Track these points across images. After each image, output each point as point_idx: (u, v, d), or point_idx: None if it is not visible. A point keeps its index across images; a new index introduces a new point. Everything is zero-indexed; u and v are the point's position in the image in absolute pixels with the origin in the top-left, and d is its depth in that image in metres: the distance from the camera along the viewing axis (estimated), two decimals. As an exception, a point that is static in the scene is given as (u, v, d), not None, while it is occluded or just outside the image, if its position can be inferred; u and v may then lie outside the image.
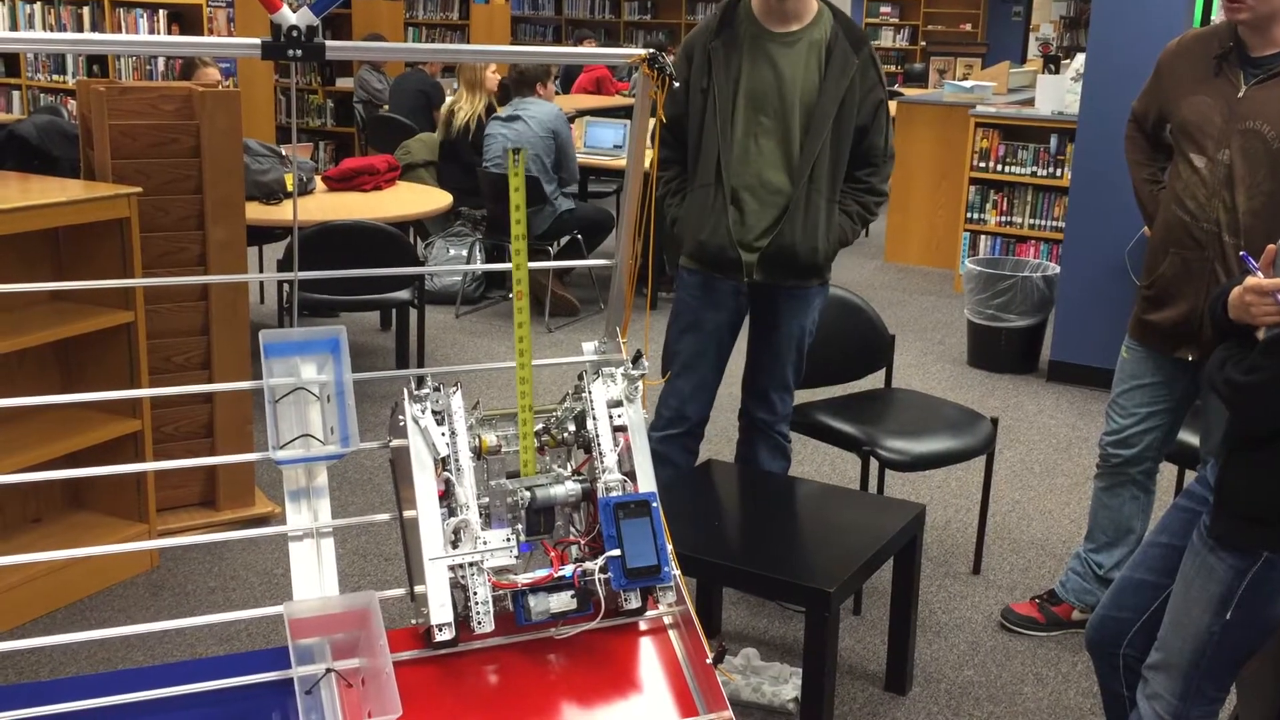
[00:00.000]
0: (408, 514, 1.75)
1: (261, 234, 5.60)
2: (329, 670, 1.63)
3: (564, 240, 6.27)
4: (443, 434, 1.75)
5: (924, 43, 14.16)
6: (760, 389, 3.38)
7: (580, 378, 1.92)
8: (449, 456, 1.75)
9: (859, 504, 3.20)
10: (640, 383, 1.91)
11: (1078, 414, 5.17)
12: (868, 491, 3.49)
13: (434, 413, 1.76)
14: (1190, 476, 3.37)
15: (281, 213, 5.02)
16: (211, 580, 3.55)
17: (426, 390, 1.77)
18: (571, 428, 1.89)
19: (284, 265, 5.00)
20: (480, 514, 1.74)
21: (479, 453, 1.79)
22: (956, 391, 5.36)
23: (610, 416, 1.86)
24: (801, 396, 3.77)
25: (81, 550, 1.78)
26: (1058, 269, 5.65)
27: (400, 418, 1.78)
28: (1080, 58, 6.24)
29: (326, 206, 5.20)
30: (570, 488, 1.81)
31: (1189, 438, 3.32)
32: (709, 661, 1.77)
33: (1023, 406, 5.26)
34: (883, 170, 3.26)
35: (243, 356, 3.82)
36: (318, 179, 5.68)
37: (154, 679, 1.62)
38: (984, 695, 3.09)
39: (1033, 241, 6.70)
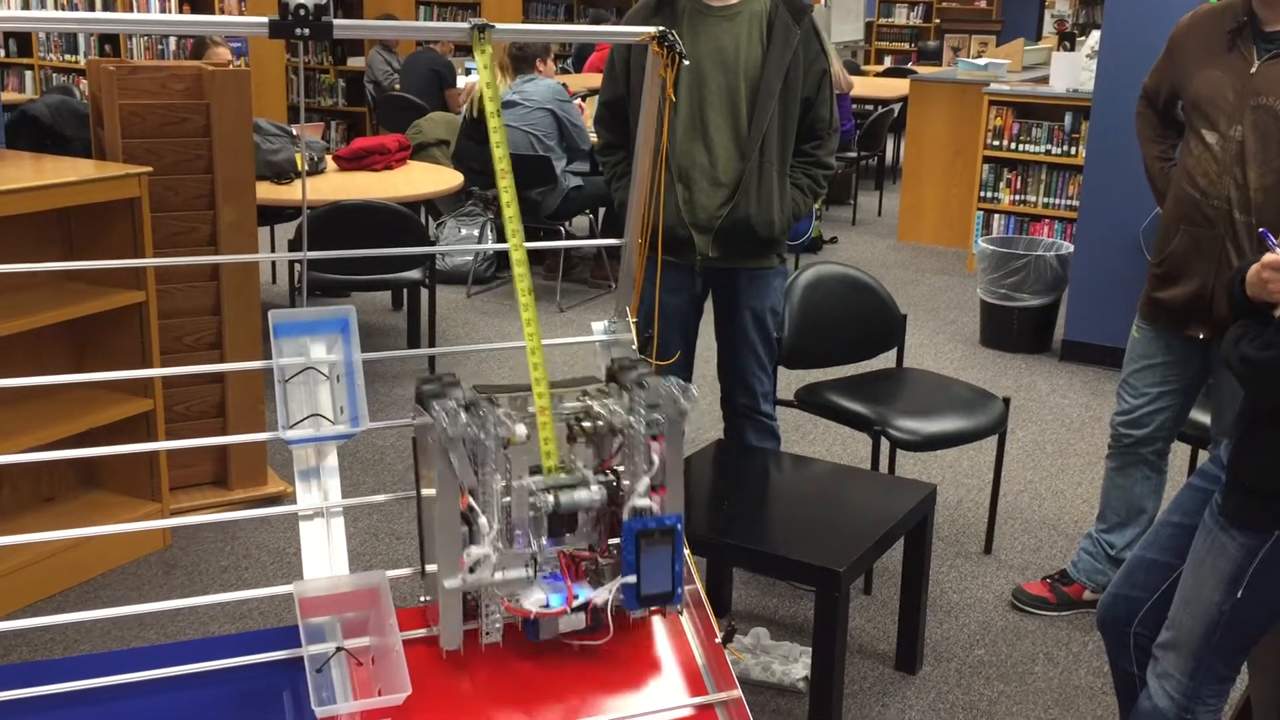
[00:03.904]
0: (426, 492, 1.72)
1: (273, 214, 5.59)
2: (339, 649, 1.64)
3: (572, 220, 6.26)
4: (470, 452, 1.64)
5: (938, 20, 14.07)
6: (735, 374, 3.37)
7: (615, 378, 1.80)
8: (474, 488, 1.65)
9: (870, 484, 3.20)
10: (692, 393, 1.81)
11: (1091, 393, 5.15)
12: (879, 471, 3.48)
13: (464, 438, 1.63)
14: (1204, 457, 3.36)
15: (292, 192, 5.02)
16: (223, 559, 3.57)
17: (458, 407, 1.63)
18: (602, 423, 1.76)
19: (295, 245, 5.01)
20: (500, 515, 1.66)
21: (506, 443, 1.67)
22: (969, 371, 5.35)
23: (646, 424, 1.73)
24: (812, 376, 3.76)
25: (94, 529, 1.78)
26: (1071, 248, 5.62)
27: (427, 415, 1.66)
28: (1095, 34, 6.19)
29: (337, 186, 5.20)
30: (595, 493, 1.71)
31: (1202, 417, 3.31)
32: (718, 641, 1.77)
33: (1035, 386, 5.24)
34: (828, 143, 3.25)
35: (254, 336, 3.83)
36: (329, 158, 5.67)
37: (166, 657, 1.63)
38: (995, 674, 3.09)
39: (1047, 220, 6.66)
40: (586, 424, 1.75)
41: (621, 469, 1.74)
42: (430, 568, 1.71)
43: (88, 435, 3.35)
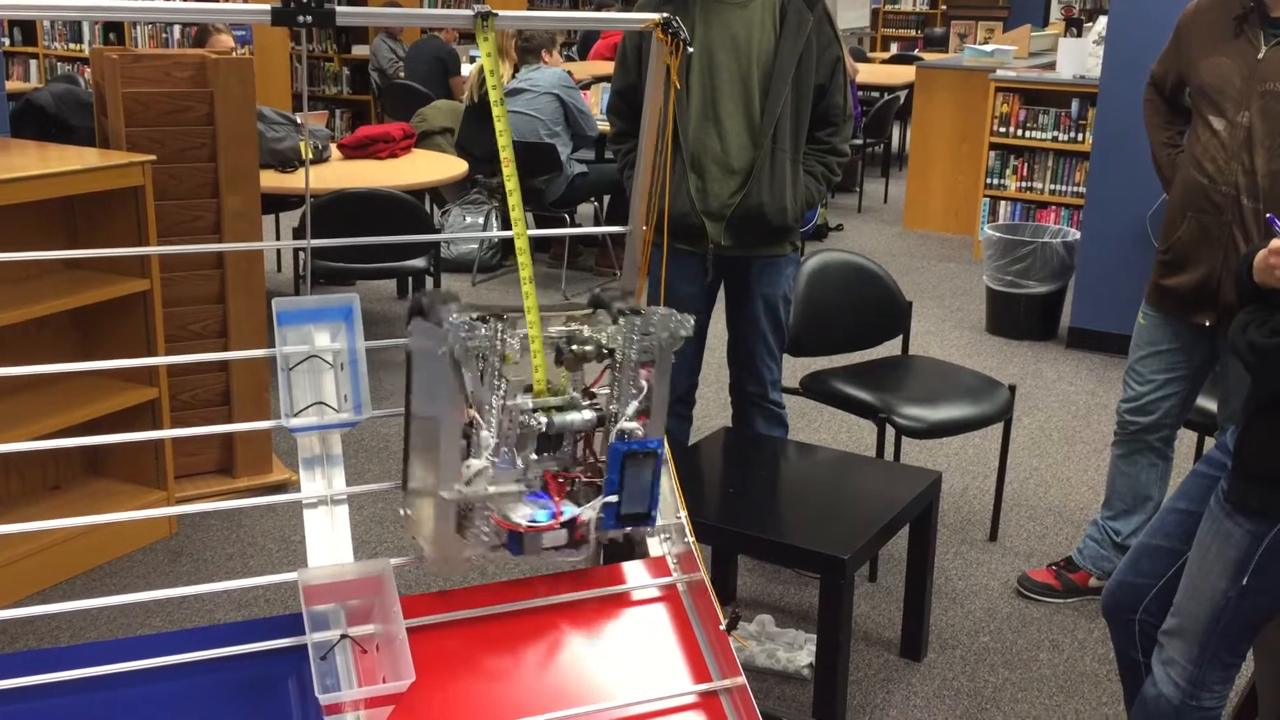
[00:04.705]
0: (422, 410, 1.70)
1: (277, 202, 5.61)
2: (344, 636, 1.64)
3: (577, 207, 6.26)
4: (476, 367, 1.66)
5: (945, 6, 14.00)
6: (745, 361, 3.37)
7: (602, 303, 1.83)
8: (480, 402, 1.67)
9: (875, 471, 3.20)
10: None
11: (1097, 381, 5.14)
12: (884, 459, 3.48)
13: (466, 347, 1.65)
14: (1210, 443, 3.36)
15: (297, 181, 5.02)
16: (229, 546, 3.58)
17: (477, 326, 1.64)
18: (590, 348, 1.80)
19: (300, 233, 5.01)
20: (497, 434, 1.69)
21: (502, 360, 1.70)
22: (975, 358, 5.34)
23: (639, 350, 1.77)
24: (818, 364, 3.76)
25: (100, 517, 1.79)
26: (1078, 235, 5.61)
27: (427, 337, 1.69)
28: (1103, 20, 6.16)
29: (342, 174, 5.20)
30: (587, 416, 1.75)
31: (1208, 404, 3.30)
32: (723, 628, 1.77)
33: (1042, 373, 5.23)
34: (843, 130, 3.24)
35: (259, 324, 3.83)
36: (333, 147, 5.67)
37: (172, 644, 1.64)
38: (1000, 661, 3.09)
39: (1053, 207, 6.64)
40: (575, 347, 1.78)
41: (604, 392, 1.78)
42: (413, 484, 1.71)
43: (93, 424, 3.35)
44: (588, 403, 1.77)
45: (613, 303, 1.82)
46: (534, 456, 1.74)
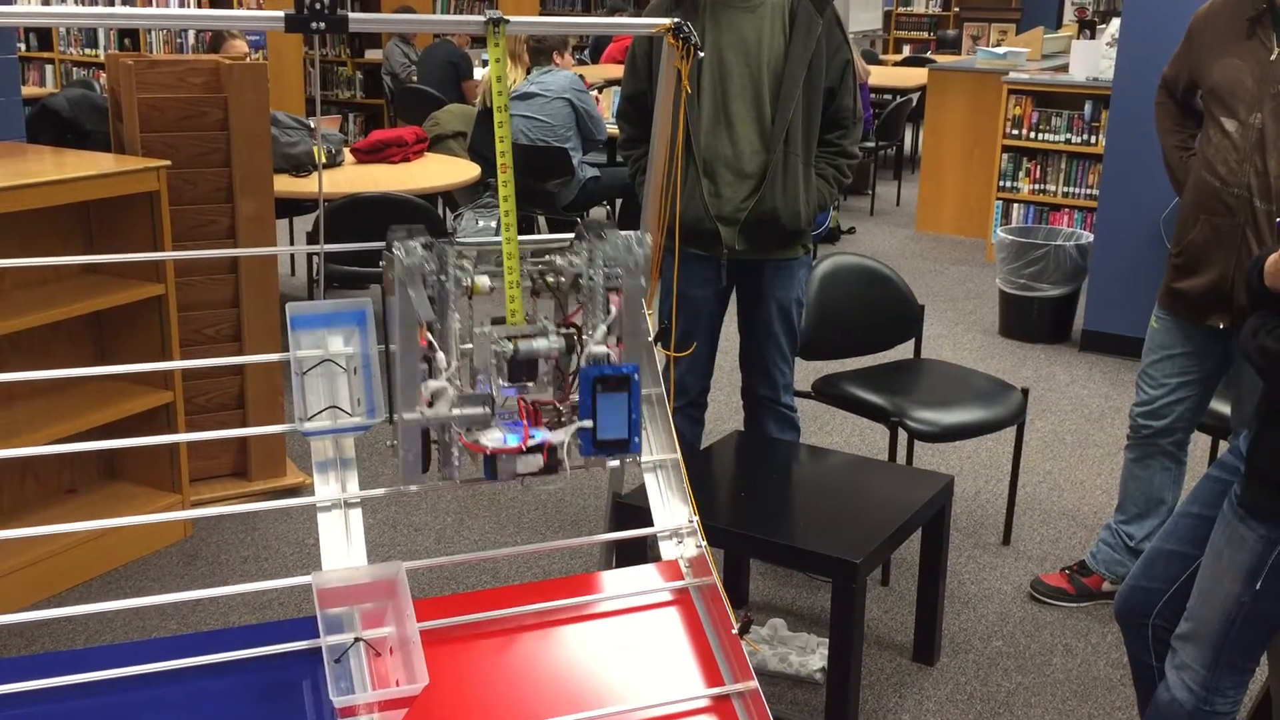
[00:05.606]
0: (393, 347, 1.74)
1: (291, 206, 5.62)
2: (358, 639, 1.65)
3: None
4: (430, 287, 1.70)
5: (957, 9, 13.98)
6: (757, 365, 3.38)
7: (581, 235, 1.85)
8: (434, 323, 1.71)
9: (887, 475, 3.19)
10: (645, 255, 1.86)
11: (1111, 384, 5.13)
12: (896, 462, 3.48)
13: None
14: (1224, 447, 3.35)
15: (311, 185, 5.03)
16: (244, 550, 3.59)
17: (415, 247, 1.69)
18: (565, 279, 1.84)
19: (313, 238, 5.02)
20: (458, 355, 1.72)
21: (470, 293, 1.74)
22: (987, 362, 5.33)
23: (606, 278, 1.80)
24: (830, 367, 3.76)
25: (116, 520, 1.80)
26: (1091, 237, 5.59)
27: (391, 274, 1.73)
28: (1116, 22, 6.15)
29: (355, 179, 5.22)
30: (554, 341, 1.76)
31: (1222, 407, 3.29)
32: (735, 632, 1.77)
33: (1055, 377, 5.22)
34: (853, 133, 3.26)
35: (273, 329, 3.85)
36: (346, 151, 5.69)
37: (187, 647, 1.65)
38: (1013, 666, 3.09)
39: (1066, 210, 6.63)
40: (550, 278, 1.81)
41: (583, 324, 1.80)
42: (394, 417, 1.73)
43: (109, 427, 3.37)
44: (560, 331, 1.79)
45: (587, 231, 1.83)
46: (507, 386, 1.75)
